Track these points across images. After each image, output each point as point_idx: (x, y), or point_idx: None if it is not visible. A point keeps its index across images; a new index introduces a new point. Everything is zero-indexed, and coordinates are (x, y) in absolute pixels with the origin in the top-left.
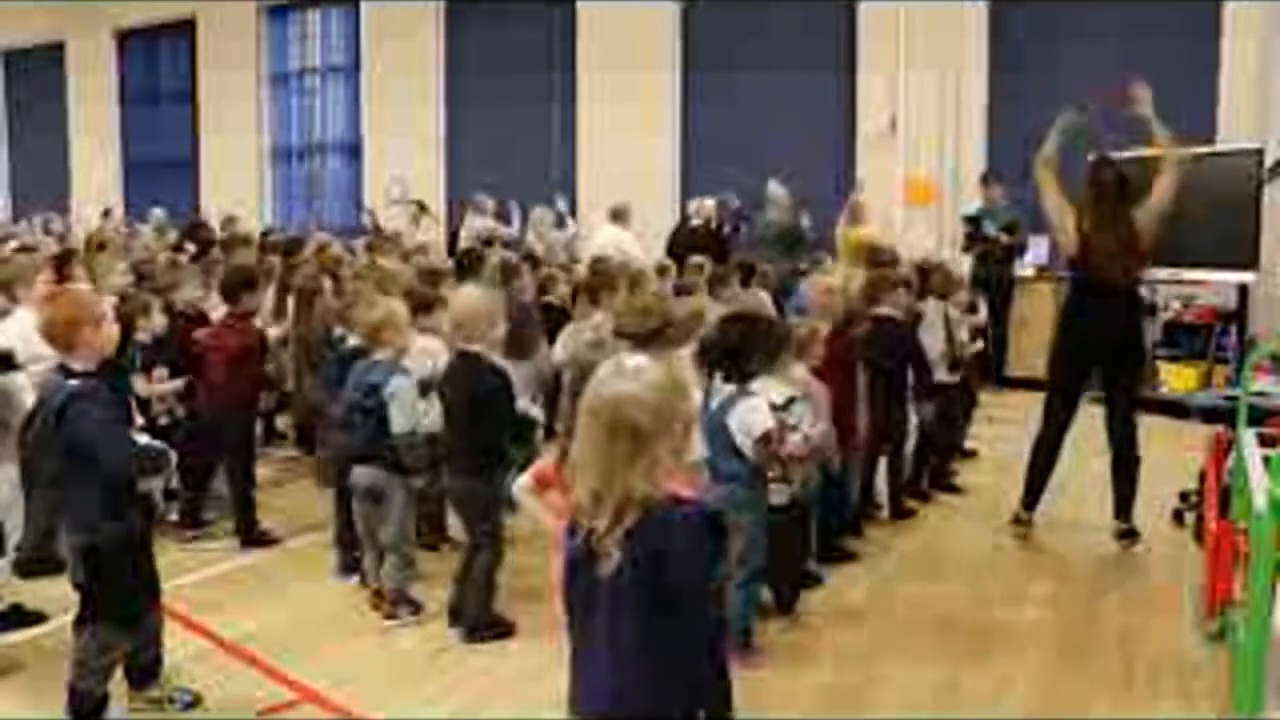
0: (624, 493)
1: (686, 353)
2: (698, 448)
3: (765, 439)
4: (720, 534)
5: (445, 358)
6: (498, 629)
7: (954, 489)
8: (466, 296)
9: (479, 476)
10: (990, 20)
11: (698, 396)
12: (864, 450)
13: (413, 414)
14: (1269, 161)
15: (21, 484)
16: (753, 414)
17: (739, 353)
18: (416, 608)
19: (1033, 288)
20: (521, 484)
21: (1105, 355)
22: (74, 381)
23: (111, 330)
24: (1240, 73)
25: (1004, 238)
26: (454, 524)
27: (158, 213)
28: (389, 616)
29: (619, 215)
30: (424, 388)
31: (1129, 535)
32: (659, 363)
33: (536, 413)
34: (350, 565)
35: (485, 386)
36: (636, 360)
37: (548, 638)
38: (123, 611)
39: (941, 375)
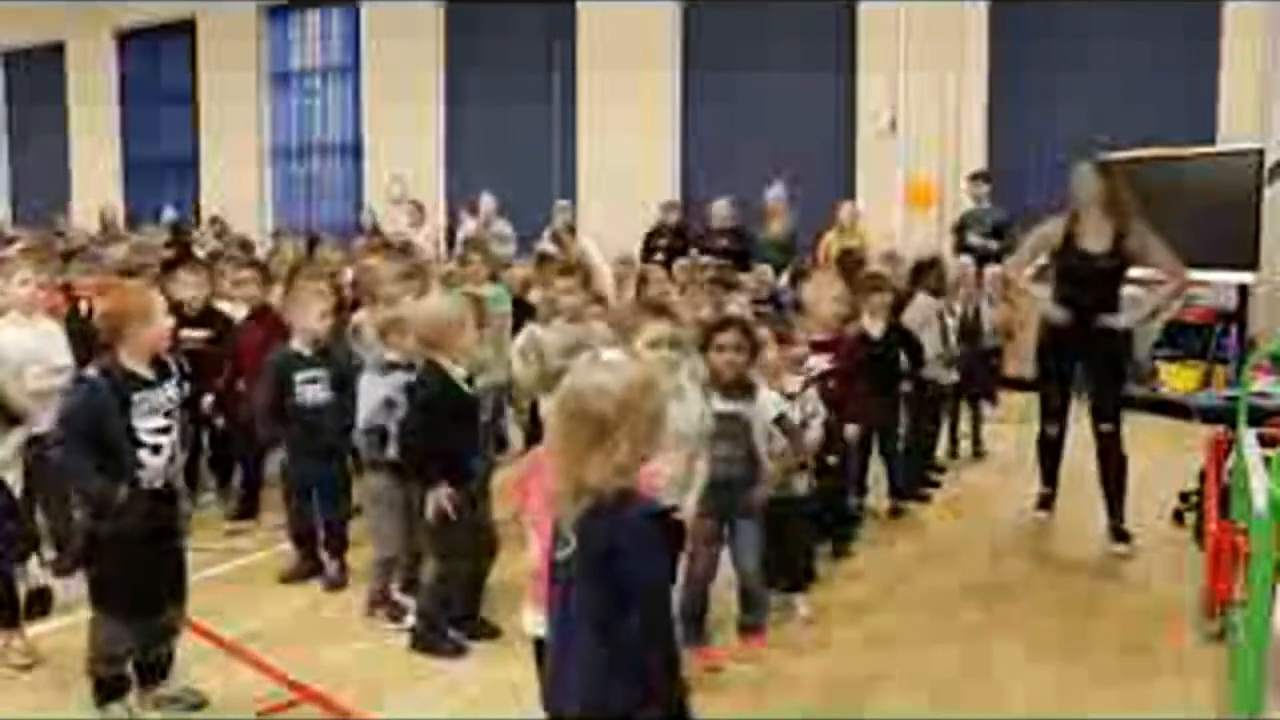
0: (579, 479)
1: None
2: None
3: (779, 420)
4: (665, 535)
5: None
6: (439, 647)
7: (927, 492)
8: (431, 305)
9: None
10: (990, 20)
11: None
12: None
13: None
14: (1269, 161)
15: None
16: (763, 402)
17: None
18: None
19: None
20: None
21: None
22: (91, 372)
23: (163, 326)
24: (1240, 73)
25: (993, 244)
26: None
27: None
28: (390, 617)
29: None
30: None
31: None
32: (634, 359)
33: None
34: (313, 570)
35: (445, 398)
36: (611, 355)
37: None
38: (123, 608)
39: (938, 374)
